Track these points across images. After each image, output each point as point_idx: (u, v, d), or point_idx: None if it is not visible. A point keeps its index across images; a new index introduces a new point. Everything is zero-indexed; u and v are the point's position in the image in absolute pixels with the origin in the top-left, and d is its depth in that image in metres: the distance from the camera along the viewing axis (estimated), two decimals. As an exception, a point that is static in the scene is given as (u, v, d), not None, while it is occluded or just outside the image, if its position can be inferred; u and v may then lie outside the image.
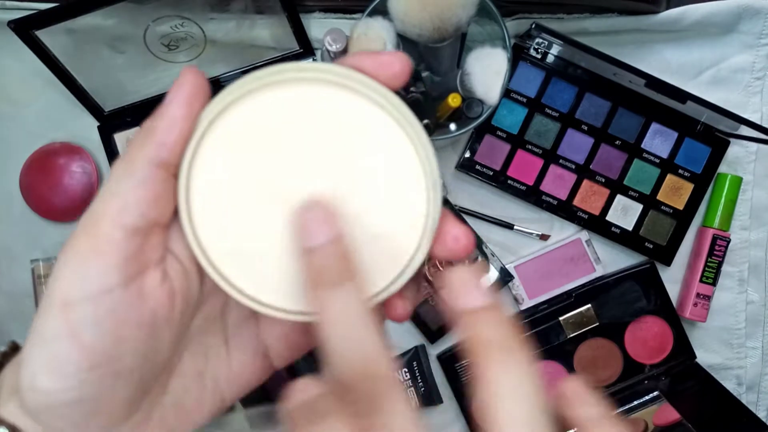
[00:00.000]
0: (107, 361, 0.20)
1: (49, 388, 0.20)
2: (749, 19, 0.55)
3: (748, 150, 0.58)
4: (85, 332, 0.19)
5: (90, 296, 0.19)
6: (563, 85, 0.56)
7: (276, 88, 0.20)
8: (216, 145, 0.21)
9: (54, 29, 0.46)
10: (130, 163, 0.20)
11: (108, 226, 0.20)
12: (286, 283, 0.21)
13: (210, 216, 0.21)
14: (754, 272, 0.59)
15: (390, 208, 0.21)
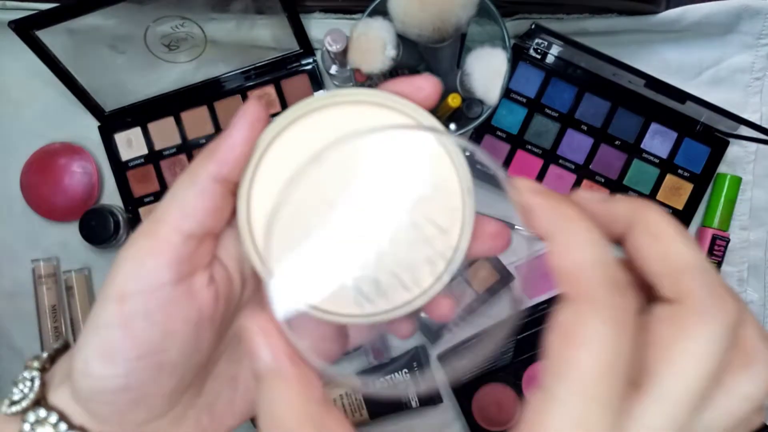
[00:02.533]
0: (154, 352, 0.22)
1: (99, 373, 0.22)
2: (749, 19, 0.55)
3: (748, 150, 0.58)
4: (136, 323, 0.22)
5: (144, 290, 0.22)
6: (563, 85, 0.56)
7: (326, 110, 0.23)
8: (274, 164, 0.23)
9: (54, 29, 0.46)
10: (193, 176, 0.22)
11: (167, 229, 0.22)
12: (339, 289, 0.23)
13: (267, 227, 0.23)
14: (753, 272, 0.59)
15: (431, 214, 0.23)
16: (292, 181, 0.22)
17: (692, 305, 0.17)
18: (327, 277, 0.23)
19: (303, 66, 0.56)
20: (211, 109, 0.57)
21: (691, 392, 0.17)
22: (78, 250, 0.58)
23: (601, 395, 0.16)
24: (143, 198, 0.57)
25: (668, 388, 0.17)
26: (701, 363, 0.17)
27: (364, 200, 0.23)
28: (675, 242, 0.18)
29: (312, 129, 0.23)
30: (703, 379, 0.17)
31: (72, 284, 0.57)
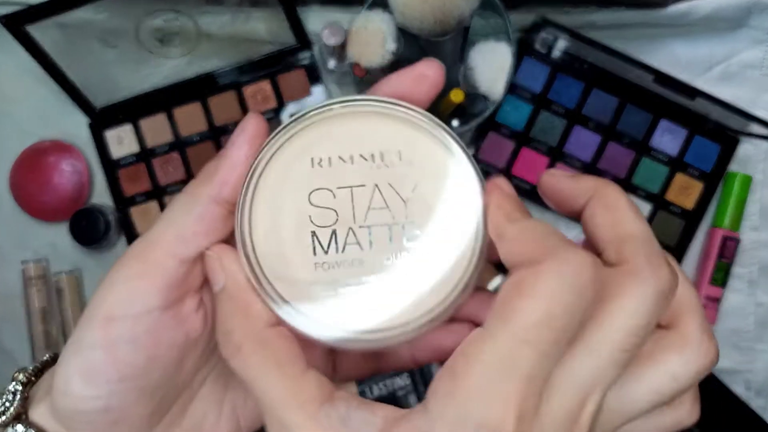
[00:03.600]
0: (136, 376, 0.22)
1: (80, 393, 0.22)
2: (759, 13, 0.54)
3: (759, 148, 0.57)
4: (121, 347, 0.21)
5: (132, 315, 0.21)
6: (569, 80, 0.55)
7: (325, 123, 0.22)
8: (274, 180, 0.22)
9: (45, 24, 0.45)
10: (192, 198, 0.22)
11: (161, 253, 0.22)
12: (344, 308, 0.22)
13: (270, 247, 0.22)
14: (764, 274, 0.58)
15: (445, 223, 0.22)
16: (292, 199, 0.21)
17: (629, 268, 0.18)
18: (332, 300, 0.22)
19: (300, 60, 0.55)
20: (204, 105, 0.56)
21: (617, 346, 0.18)
22: (68, 251, 0.57)
23: (535, 341, 0.17)
24: (135, 197, 0.56)
25: (597, 341, 0.18)
26: (631, 319, 0.18)
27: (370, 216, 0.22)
28: (625, 214, 0.20)
29: (314, 142, 0.22)
30: (630, 335, 0.18)
31: (62, 286, 0.56)
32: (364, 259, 0.21)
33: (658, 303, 0.18)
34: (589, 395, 0.18)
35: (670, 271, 0.19)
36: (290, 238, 0.21)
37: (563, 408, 0.18)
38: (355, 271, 0.21)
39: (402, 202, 0.22)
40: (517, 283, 0.18)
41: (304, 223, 0.22)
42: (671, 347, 0.19)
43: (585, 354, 0.18)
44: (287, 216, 0.22)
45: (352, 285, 0.21)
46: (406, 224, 0.22)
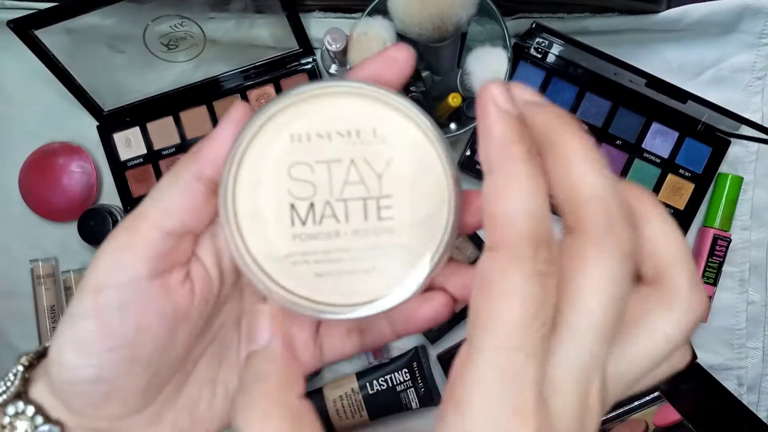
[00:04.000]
0: (126, 345, 0.22)
1: (72, 362, 0.22)
2: (750, 18, 0.55)
3: (749, 150, 0.58)
4: (110, 315, 0.22)
5: (119, 284, 0.22)
6: (563, 84, 0.56)
7: (305, 103, 0.22)
8: (255, 158, 0.22)
9: (53, 29, 0.46)
10: (177, 175, 0.23)
11: (147, 225, 0.22)
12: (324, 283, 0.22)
13: (254, 224, 0.22)
14: (755, 272, 0.59)
15: (418, 198, 0.22)
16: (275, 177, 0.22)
17: (588, 236, 0.17)
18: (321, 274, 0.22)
19: (303, 65, 0.56)
20: (210, 108, 0.57)
21: (598, 324, 0.17)
22: (76, 250, 0.58)
23: (523, 344, 0.16)
24: (142, 198, 0.56)
25: (576, 324, 0.17)
26: (602, 296, 0.17)
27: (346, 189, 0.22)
28: (584, 166, 0.17)
29: (293, 122, 0.22)
30: (606, 309, 0.17)
31: (70, 284, 0.57)
32: (339, 231, 0.22)
33: (626, 269, 0.17)
34: (590, 380, 0.17)
35: (629, 231, 0.17)
36: (270, 211, 0.22)
37: (570, 401, 0.17)
38: (331, 244, 0.22)
39: (376, 176, 0.22)
40: (485, 283, 0.17)
41: (284, 196, 0.22)
42: (660, 307, 0.18)
43: (571, 341, 0.17)
44: (267, 190, 0.22)
45: (328, 257, 0.22)
46: (381, 198, 0.22)
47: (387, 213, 0.22)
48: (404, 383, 0.56)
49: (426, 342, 0.58)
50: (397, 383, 0.56)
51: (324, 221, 0.22)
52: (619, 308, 0.17)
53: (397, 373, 0.56)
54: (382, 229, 0.22)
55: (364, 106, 0.22)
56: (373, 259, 0.22)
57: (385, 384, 0.56)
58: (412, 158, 0.22)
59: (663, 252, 0.19)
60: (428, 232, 0.22)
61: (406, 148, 0.22)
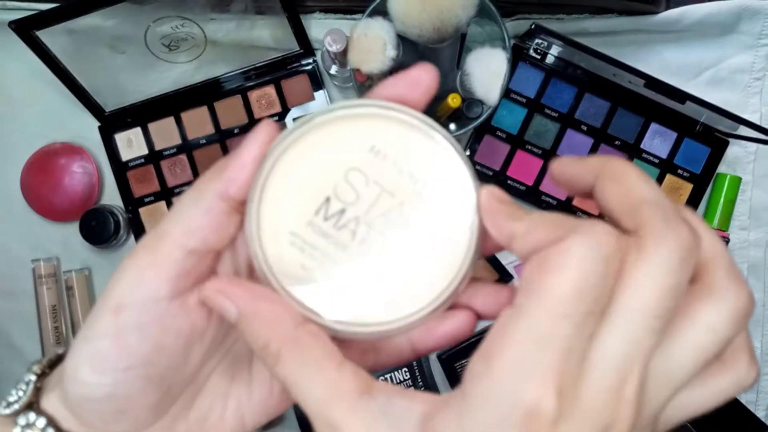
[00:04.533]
0: (143, 365, 0.22)
1: (88, 380, 0.22)
2: (749, 19, 0.55)
3: (748, 150, 0.58)
4: (129, 335, 0.22)
5: (140, 303, 0.22)
6: (563, 85, 0.56)
7: (331, 125, 0.23)
8: (282, 180, 0.22)
9: (55, 29, 0.46)
10: (200, 193, 0.22)
11: (170, 244, 0.22)
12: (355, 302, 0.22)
13: (279, 243, 0.22)
14: (753, 272, 0.59)
15: (443, 219, 0.23)
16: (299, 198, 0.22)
17: (648, 232, 0.18)
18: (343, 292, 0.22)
19: (303, 66, 0.57)
20: (211, 109, 0.57)
21: (650, 312, 0.17)
22: (78, 250, 0.59)
23: (572, 314, 0.17)
24: (143, 198, 0.57)
25: (627, 307, 0.17)
26: (657, 283, 0.17)
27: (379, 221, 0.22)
28: (634, 181, 0.19)
29: (318, 144, 0.23)
30: (660, 298, 0.17)
31: (72, 284, 0.57)
32: (348, 247, 0.22)
33: (683, 261, 0.18)
34: (630, 369, 0.17)
35: (688, 228, 0.18)
36: (305, 191, 0.22)
37: (603, 384, 0.17)
38: (334, 252, 0.22)
39: (409, 230, 0.22)
40: (542, 261, 0.18)
41: (327, 187, 0.22)
42: (700, 298, 0.19)
43: (618, 326, 0.17)
44: (313, 176, 0.22)
45: (324, 260, 0.22)
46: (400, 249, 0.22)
47: (395, 261, 0.22)
48: (404, 382, 0.56)
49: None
50: (397, 382, 0.56)
51: (342, 231, 0.22)
52: (672, 299, 0.18)
53: (397, 372, 0.56)
54: (382, 270, 0.22)
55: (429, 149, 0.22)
56: (359, 288, 0.22)
57: (385, 383, 0.56)
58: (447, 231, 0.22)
59: (702, 253, 0.19)
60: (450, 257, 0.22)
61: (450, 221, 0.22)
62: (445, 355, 0.57)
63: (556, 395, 0.17)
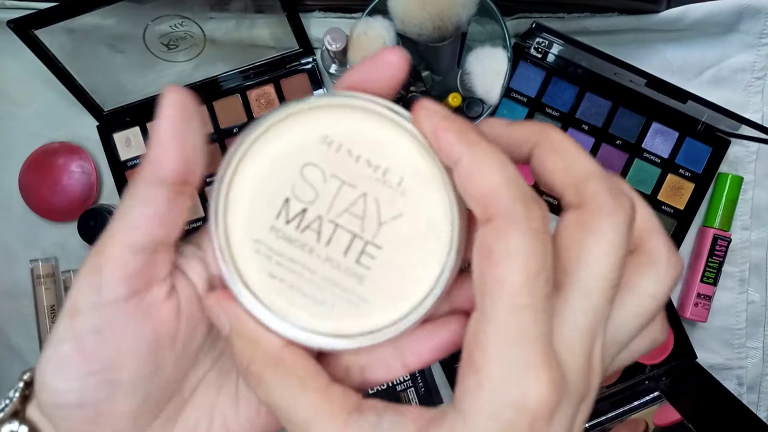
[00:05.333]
0: (106, 369, 0.21)
1: (54, 386, 0.22)
2: (750, 18, 0.55)
3: (749, 150, 0.58)
4: (86, 339, 0.21)
5: (94, 306, 0.21)
6: (564, 84, 0.56)
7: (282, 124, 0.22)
8: (241, 187, 0.21)
9: (53, 29, 0.46)
10: (134, 186, 0.21)
11: (114, 245, 0.21)
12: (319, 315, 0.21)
13: (244, 252, 0.21)
14: (755, 272, 0.59)
15: (414, 206, 0.21)
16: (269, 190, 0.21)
17: (596, 206, 0.19)
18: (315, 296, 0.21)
19: (302, 65, 0.56)
20: (210, 108, 0.57)
21: (606, 282, 0.18)
22: (76, 250, 0.58)
23: (531, 301, 0.17)
24: (142, 198, 0.57)
25: (587, 282, 0.18)
26: (610, 255, 0.18)
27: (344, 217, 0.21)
28: (575, 155, 0.20)
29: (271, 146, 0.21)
30: (614, 269, 0.18)
31: (70, 284, 0.57)
32: (314, 250, 0.21)
33: (629, 231, 0.19)
34: (595, 337, 0.18)
35: (629, 199, 0.19)
36: (264, 194, 0.21)
37: (578, 359, 0.18)
38: (301, 256, 0.21)
39: (378, 223, 0.21)
40: (485, 253, 0.18)
41: (285, 187, 0.21)
42: (644, 269, 0.20)
43: (578, 299, 0.18)
44: (271, 176, 0.21)
45: (291, 267, 0.21)
46: (369, 245, 0.21)
47: (367, 261, 0.21)
48: (404, 383, 0.56)
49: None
50: (397, 383, 0.56)
51: (306, 232, 0.21)
52: (622, 267, 0.19)
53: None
54: (353, 273, 0.21)
55: (406, 148, 0.21)
56: (330, 295, 0.21)
57: (385, 384, 0.56)
58: (421, 221, 0.21)
59: (639, 223, 0.21)
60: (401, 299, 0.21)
61: (421, 208, 0.21)
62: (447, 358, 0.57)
63: (551, 385, 0.17)
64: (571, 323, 0.18)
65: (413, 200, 0.21)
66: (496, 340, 0.17)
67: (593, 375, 0.19)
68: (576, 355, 0.18)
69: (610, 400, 0.57)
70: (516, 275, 0.17)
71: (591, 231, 0.19)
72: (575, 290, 0.18)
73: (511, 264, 0.17)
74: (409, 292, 0.21)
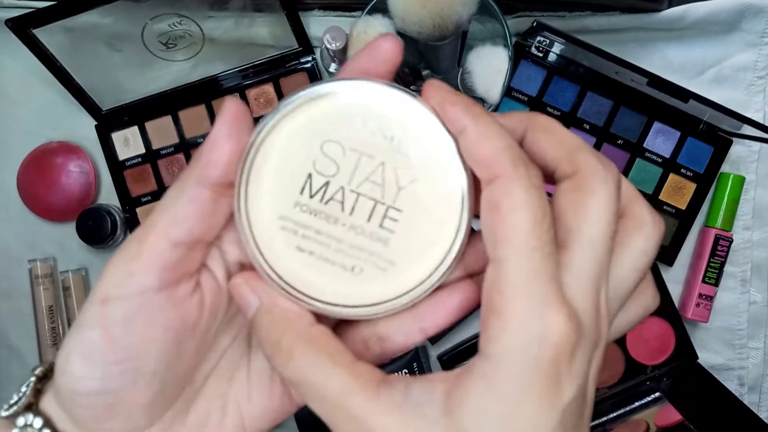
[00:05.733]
0: (131, 357, 0.22)
1: (77, 372, 0.22)
2: (752, 17, 0.55)
3: (751, 149, 0.57)
4: (115, 327, 0.22)
5: (126, 295, 0.22)
6: (565, 83, 0.56)
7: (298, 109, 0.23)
8: (263, 167, 0.22)
9: (51, 27, 0.46)
10: (183, 183, 0.22)
11: (155, 235, 0.22)
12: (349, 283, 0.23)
13: (271, 229, 0.22)
14: (756, 272, 0.59)
15: (425, 224, 0.22)
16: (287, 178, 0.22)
17: (589, 171, 0.21)
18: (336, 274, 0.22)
19: (302, 64, 0.56)
20: (209, 107, 0.57)
21: (606, 233, 0.21)
22: (75, 251, 0.58)
23: (539, 244, 0.19)
24: (141, 197, 0.57)
25: (589, 236, 0.20)
26: (607, 211, 0.21)
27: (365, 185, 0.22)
28: (564, 132, 0.22)
29: (290, 127, 0.23)
30: (611, 223, 0.21)
31: (69, 284, 0.57)
32: (339, 219, 0.22)
33: (618, 192, 0.21)
34: (600, 286, 0.20)
35: (614, 166, 0.22)
36: (287, 172, 0.22)
37: (588, 305, 0.20)
38: (327, 227, 0.22)
39: (397, 188, 0.22)
40: (494, 207, 0.20)
41: (306, 164, 0.22)
42: (634, 230, 0.22)
43: (583, 251, 0.20)
44: (293, 154, 0.22)
45: (317, 238, 0.22)
46: (391, 208, 0.22)
47: (390, 224, 0.22)
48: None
49: (426, 342, 0.58)
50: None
51: (330, 204, 0.22)
52: (616, 222, 0.21)
53: (397, 373, 0.56)
54: (377, 237, 0.22)
55: (416, 118, 0.22)
56: (357, 260, 0.22)
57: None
58: (436, 184, 0.22)
59: (623, 193, 0.23)
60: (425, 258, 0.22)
61: (435, 172, 0.22)
62: (446, 357, 0.57)
63: (569, 320, 0.19)
64: (578, 272, 0.20)
65: (427, 166, 0.22)
66: (514, 281, 0.19)
67: (602, 321, 0.20)
68: (585, 301, 0.20)
69: (610, 401, 0.57)
70: (524, 222, 0.19)
71: (588, 192, 0.21)
72: (579, 243, 0.20)
73: (519, 213, 0.19)
74: (431, 251, 0.22)
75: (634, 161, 0.56)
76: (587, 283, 0.20)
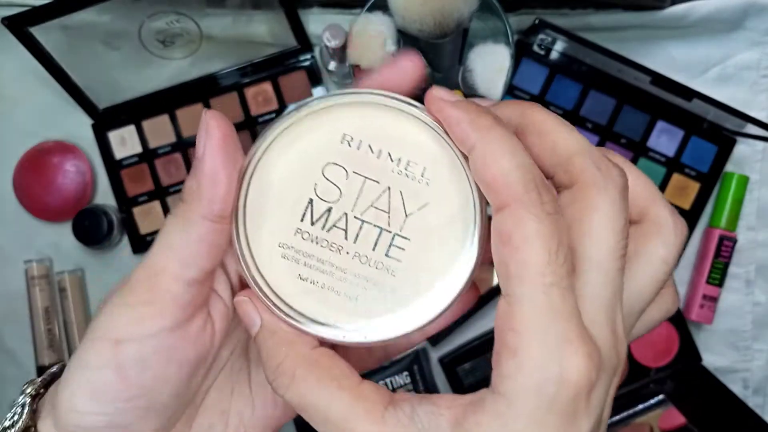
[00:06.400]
0: (145, 395, 0.22)
1: (86, 409, 0.21)
2: (756, 15, 0.54)
3: (755, 149, 0.57)
4: (130, 368, 0.21)
5: (140, 337, 0.21)
6: (567, 82, 0.56)
7: (316, 116, 0.22)
8: (261, 192, 0.22)
9: (48, 26, 0.46)
10: (186, 220, 0.21)
11: (168, 280, 0.21)
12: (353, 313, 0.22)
13: (271, 257, 0.22)
14: (761, 273, 0.58)
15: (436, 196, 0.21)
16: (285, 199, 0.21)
17: (586, 183, 0.19)
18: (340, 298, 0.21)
19: (301, 62, 0.56)
20: (206, 106, 0.56)
21: (615, 253, 0.19)
22: (71, 251, 0.58)
23: (555, 279, 0.18)
24: (137, 197, 0.56)
25: (597, 259, 0.19)
26: (613, 226, 0.19)
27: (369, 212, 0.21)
28: (559, 134, 0.20)
29: (289, 148, 0.22)
30: (619, 239, 0.19)
31: (65, 285, 0.56)
32: (343, 248, 0.21)
33: (624, 200, 0.20)
34: (615, 308, 0.19)
35: (618, 168, 0.20)
36: (287, 198, 0.21)
37: (605, 331, 0.19)
38: (329, 255, 0.21)
39: (404, 215, 0.21)
40: (505, 239, 0.19)
41: (307, 189, 0.21)
42: (652, 237, 0.21)
43: (593, 275, 0.19)
44: (294, 178, 0.21)
45: (320, 267, 0.21)
46: (398, 237, 0.21)
47: (396, 253, 0.21)
48: (405, 386, 0.56)
49: (427, 344, 0.57)
50: (397, 386, 0.55)
51: (333, 231, 0.21)
52: (626, 237, 0.19)
53: (397, 375, 0.56)
54: (383, 266, 0.21)
55: (426, 141, 0.21)
56: (362, 290, 0.21)
57: (385, 386, 0.55)
58: (446, 210, 0.21)
59: (640, 194, 0.21)
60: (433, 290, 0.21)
61: (445, 196, 0.21)
62: (447, 359, 0.56)
63: (589, 358, 0.18)
64: (591, 298, 0.19)
65: (436, 190, 0.21)
66: (530, 320, 0.18)
67: (620, 346, 0.19)
68: (603, 329, 0.19)
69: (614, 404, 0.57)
70: (538, 256, 0.18)
71: (588, 207, 0.19)
72: (588, 267, 0.19)
73: (532, 246, 0.18)
74: (440, 280, 0.21)
75: (637, 160, 0.56)
76: (601, 309, 0.19)
